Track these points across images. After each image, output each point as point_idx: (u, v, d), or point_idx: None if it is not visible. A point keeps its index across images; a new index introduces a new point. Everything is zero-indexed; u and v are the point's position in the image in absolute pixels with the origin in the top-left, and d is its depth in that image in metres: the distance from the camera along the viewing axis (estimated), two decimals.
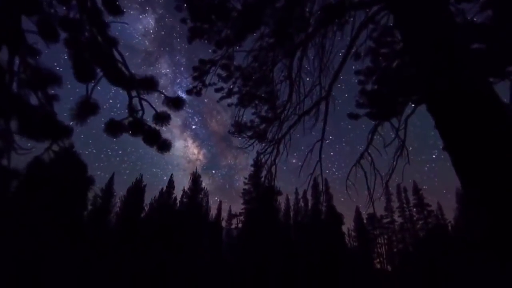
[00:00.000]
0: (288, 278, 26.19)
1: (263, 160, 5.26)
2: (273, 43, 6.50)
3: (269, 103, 7.19)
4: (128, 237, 26.48)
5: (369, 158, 4.29)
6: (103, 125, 1.94)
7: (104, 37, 1.95)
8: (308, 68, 5.47)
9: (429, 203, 40.26)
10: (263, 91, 7.19)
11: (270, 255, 26.99)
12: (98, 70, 2.13)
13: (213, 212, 37.73)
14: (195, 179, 35.94)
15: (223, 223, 38.86)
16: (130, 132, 2.07)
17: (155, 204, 33.98)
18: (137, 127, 2.08)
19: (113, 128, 1.97)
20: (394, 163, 4.05)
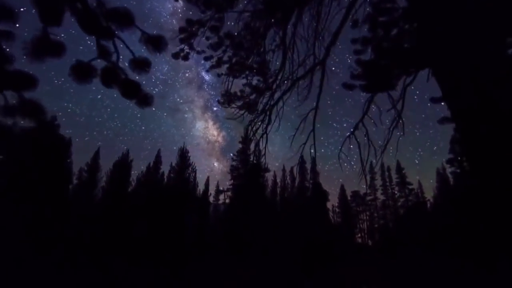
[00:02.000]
0: (274, 253, 27.02)
1: (254, 129, 5.05)
2: (264, 11, 6.10)
3: (260, 74, 6.88)
4: (114, 212, 26.38)
5: (364, 129, 4.16)
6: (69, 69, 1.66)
7: None
8: (303, 35, 5.15)
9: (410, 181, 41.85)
10: (254, 60, 6.85)
11: (257, 230, 27.64)
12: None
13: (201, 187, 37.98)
14: (183, 154, 35.63)
15: (211, 199, 39.32)
16: (103, 81, 1.78)
17: (142, 179, 33.80)
18: (111, 75, 1.79)
19: (80, 71, 1.67)
20: (389, 134, 3.94)
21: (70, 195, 28.83)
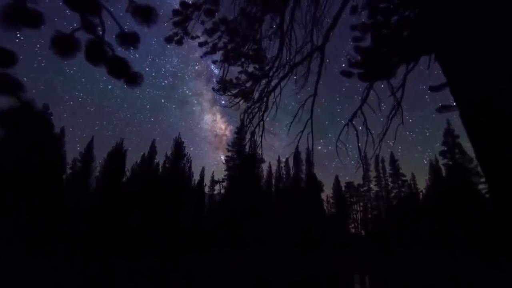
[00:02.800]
0: (269, 242, 27.31)
1: (250, 117, 4.93)
2: None
3: (256, 61, 6.73)
4: (108, 202, 26.26)
5: (362, 117, 4.08)
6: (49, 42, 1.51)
7: None
8: (301, 20, 5.00)
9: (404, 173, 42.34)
10: (251, 47, 6.69)
11: (251, 220, 27.82)
12: None
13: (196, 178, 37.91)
14: (178, 145, 35.47)
15: (206, 189, 39.38)
16: (88, 57, 1.64)
17: (137, 169, 33.64)
18: (97, 50, 1.65)
19: (62, 44, 1.52)
20: (388, 123, 3.87)
21: (64, 185, 28.65)
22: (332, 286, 16.58)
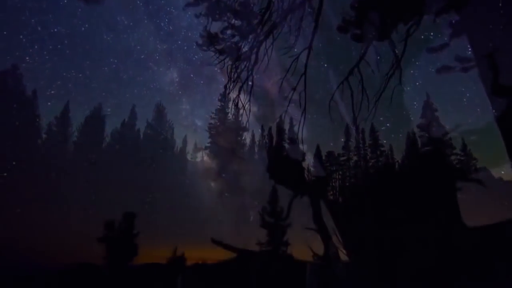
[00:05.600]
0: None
1: (238, 71, 4.56)
2: None
3: (243, 17, 6.21)
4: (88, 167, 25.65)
5: (359, 75, 3.84)
6: None
7: None
8: None
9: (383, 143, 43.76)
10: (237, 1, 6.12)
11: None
12: None
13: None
14: (159, 111, 34.49)
15: (189, 156, 39.12)
16: None
17: (117, 135, 32.75)
18: None
19: None
20: (385, 83, 3.67)
21: (39, 149, 27.63)
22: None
